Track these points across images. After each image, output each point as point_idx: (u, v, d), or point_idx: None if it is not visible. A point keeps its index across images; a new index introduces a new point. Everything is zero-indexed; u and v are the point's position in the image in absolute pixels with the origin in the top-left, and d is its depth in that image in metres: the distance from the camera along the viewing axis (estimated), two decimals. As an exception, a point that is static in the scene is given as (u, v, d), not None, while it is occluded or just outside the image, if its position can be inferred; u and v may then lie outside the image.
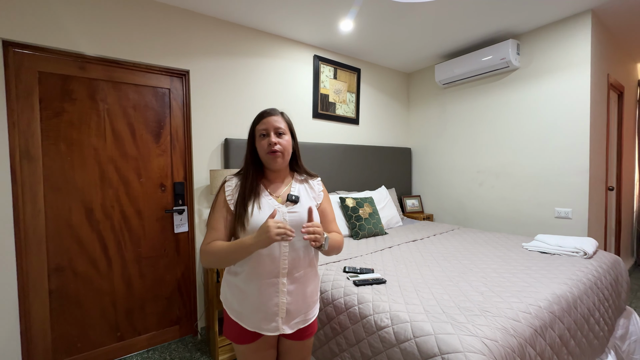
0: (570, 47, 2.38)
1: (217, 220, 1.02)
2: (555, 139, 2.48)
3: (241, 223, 0.97)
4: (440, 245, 2.16)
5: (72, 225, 1.83)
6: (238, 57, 2.39)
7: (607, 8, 2.25)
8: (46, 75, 1.74)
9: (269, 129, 1.02)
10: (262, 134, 1.03)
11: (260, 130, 1.04)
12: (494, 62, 2.65)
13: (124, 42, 1.92)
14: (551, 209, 2.51)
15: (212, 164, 2.29)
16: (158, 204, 2.11)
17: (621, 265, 1.89)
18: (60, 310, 1.81)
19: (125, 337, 2.01)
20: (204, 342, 2.17)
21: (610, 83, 2.68)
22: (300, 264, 1.02)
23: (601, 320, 1.53)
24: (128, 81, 1.98)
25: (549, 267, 1.64)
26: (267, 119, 1.03)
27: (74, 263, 1.84)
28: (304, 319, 1.05)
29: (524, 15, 2.33)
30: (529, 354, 1.07)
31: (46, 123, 1.75)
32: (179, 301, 2.21)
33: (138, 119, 2.03)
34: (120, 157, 1.97)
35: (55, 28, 1.72)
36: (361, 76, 3.22)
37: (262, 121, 1.04)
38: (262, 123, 1.03)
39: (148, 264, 2.08)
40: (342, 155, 2.97)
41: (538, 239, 2.08)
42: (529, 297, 1.28)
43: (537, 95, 2.57)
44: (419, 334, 1.07)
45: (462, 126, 3.14)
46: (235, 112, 2.39)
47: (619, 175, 3.08)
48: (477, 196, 3.03)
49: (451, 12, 2.27)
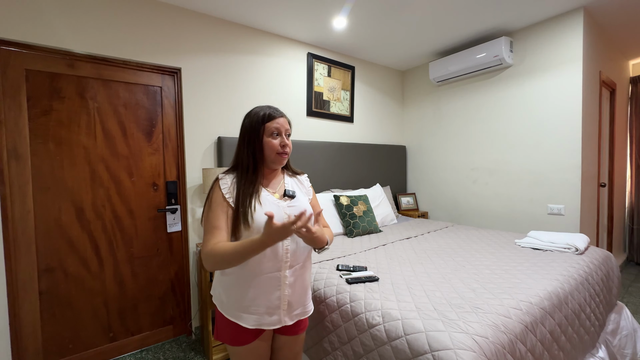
0: (563, 44, 2.39)
1: (218, 218, 0.97)
2: (547, 136, 2.49)
3: (245, 220, 0.96)
4: (434, 242, 2.16)
5: (62, 225, 1.81)
6: (231, 55, 2.37)
7: (599, 5, 2.26)
8: (34, 73, 1.71)
9: (281, 130, 1.05)
10: (276, 133, 1.04)
11: (273, 129, 1.03)
12: (487, 60, 2.66)
13: (114, 39, 1.90)
14: (544, 206, 2.53)
15: (205, 162, 2.27)
16: (150, 203, 2.09)
17: (612, 260, 1.91)
18: (51, 312, 1.79)
19: (118, 337, 2.00)
20: (198, 342, 2.16)
21: (602, 80, 2.69)
22: (300, 256, 1.05)
23: (592, 315, 1.54)
24: (118, 79, 1.96)
25: (541, 264, 1.65)
26: (279, 119, 1.05)
27: (65, 263, 1.82)
28: (303, 310, 1.08)
29: (516, 12, 2.34)
30: (520, 350, 1.07)
31: (34, 122, 1.72)
32: (173, 301, 2.20)
33: (129, 118, 2.00)
34: (111, 156, 1.95)
35: (43, 25, 1.69)
36: (355, 74, 3.21)
37: (276, 120, 1.04)
38: (275, 122, 1.04)
39: (140, 263, 2.06)
40: (336, 153, 2.96)
41: (531, 235, 2.09)
42: (520, 294, 1.29)
43: (530, 92, 2.58)
44: (410, 332, 1.07)
45: (457, 124, 3.14)
46: (228, 110, 2.38)
47: (611, 171, 3.10)
48: (471, 193, 3.04)
49: (445, 10, 2.26)
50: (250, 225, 0.96)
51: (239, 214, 0.97)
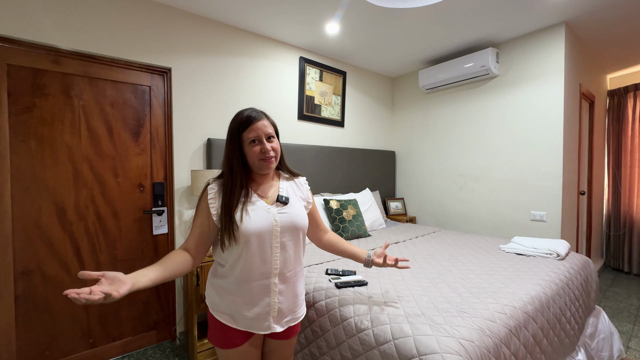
0: (546, 56, 2.48)
1: (195, 224, 1.01)
2: (531, 144, 2.57)
3: (228, 234, 0.93)
4: (422, 247, 2.19)
5: (42, 226, 1.74)
6: (222, 56, 2.36)
7: (580, 21, 2.37)
8: (16, 68, 1.65)
9: (260, 135, 0.98)
10: (253, 141, 0.99)
11: (249, 138, 0.98)
12: (475, 69, 2.74)
13: (102, 36, 1.86)
14: (527, 212, 2.60)
15: (193, 164, 2.23)
16: (136, 205, 2.04)
17: (591, 266, 1.98)
18: (27, 317, 1.71)
19: (98, 343, 1.93)
20: (182, 347, 2.11)
21: (582, 92, 2.81)
22: (290, 264, 1.03)
23: (572, 319, 1.59)
24: (106, 77, 1.91)
25: (524, 269, 1.70)
26: (255, 125, 0.98)
27: (43, 266, 1.75)
28: (293, 317, 1.06)
29: (503, 24, 2.42)
30: (504, 354, 1.09)
31: (15, 119, 1.66)
32: (157, 305, 2.14)
33: (116, 117, 1.96)
34: (96, 155, 1.90)
35: (27, 19, 1.64)
36: (347, 79, 3.24)
37: (251, 127, 0.98)
38: (250, 130, 0.98)
39: (124, 266, 2.00)
40: (327, 158, 2.97)
41: (514, 241, 2.15)
42: (504, 298, 1.32)
43: (514, 102, 2.67)
44: (398, 336, 1.08)
45: (444, 130, 3.21)
46: (218, 111, 2.35)
47: (590, 180, 3.23)
48: (458, 199, 3.10)
49: (436, 20, 2.32)
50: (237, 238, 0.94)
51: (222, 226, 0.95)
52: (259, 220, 0.97)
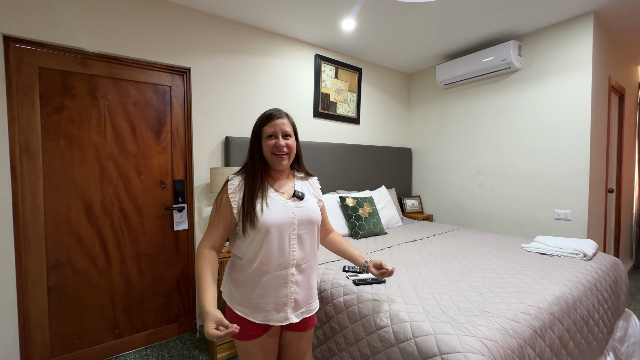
0: (572, 48, 2.38)
1: (217, 219, 1.06)
2: (555, 140, 2.48)
3: (250, 221, 0.99)
4: (440, 245, 2.16)
5: (71, 221, 1.83)
6: (239, 55, 2.39)
7: (609, 10, 2.25)
8: (46, 71, 1.74)
9: (277, 132, 1.05)
10: (270, 136, 1.05)
11: (267, 132, 1.06)
12: (495, 63, 2.65)
13: (125, 38, 1.92)
14: (551, 211, 2.51)
15: (212, 162, 2.28)
16: (158, 202, 2.11)
17: (620, 267, 1.89)
18: (59, 307, 1.80)
19: (124, 334, 2.01)
20: (202, 340, 2.17)
21: (612, 85, 2.68)
22: (307, 256, 1.07)
23: (600, 322, 1.53)
24: (129, 78, 1.98)
25: (548, 269, 1.64)
26: (274, 121, 1.05)
27: (73, 260, 1.84)
28: (308, 308, 1.09)
29: (525, 16, 2.33)
30: (529, 355, 1.07)
31: (46, 119, 1.74)
32: (178, 299, 2.21)
33: (138, 116, 2.02)
34: (120, 154, 1.97)
35: (56, 24, 1.72)
36: (362, 76, 3.21)
37: (270, 123, 1.05)
38: (270, 125, 1.05)
39: (147, 261, 2.08)
40: (342, 155, 2.96)
41: (538, 240, 2.08)
42: (528, 298, 1.28)
43: (538, 96, 2.57)
44: (418, 334, 1.07)
45: (463, 127, 3.13)
46: (236, 110, 2.39)
47: (619, 177, 3.08)
48: (476, 197, 3.03)
49: (453, 13, 2.26)
50: (256, 225, 0.99)
51: (244, 214, 1.00)
52: (278, 213, 1.02)
